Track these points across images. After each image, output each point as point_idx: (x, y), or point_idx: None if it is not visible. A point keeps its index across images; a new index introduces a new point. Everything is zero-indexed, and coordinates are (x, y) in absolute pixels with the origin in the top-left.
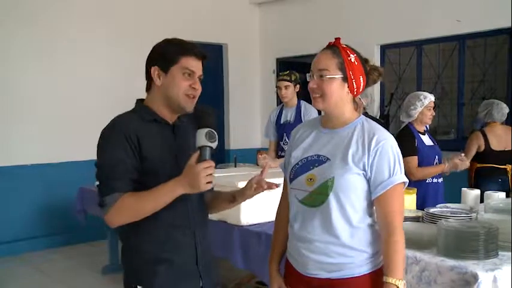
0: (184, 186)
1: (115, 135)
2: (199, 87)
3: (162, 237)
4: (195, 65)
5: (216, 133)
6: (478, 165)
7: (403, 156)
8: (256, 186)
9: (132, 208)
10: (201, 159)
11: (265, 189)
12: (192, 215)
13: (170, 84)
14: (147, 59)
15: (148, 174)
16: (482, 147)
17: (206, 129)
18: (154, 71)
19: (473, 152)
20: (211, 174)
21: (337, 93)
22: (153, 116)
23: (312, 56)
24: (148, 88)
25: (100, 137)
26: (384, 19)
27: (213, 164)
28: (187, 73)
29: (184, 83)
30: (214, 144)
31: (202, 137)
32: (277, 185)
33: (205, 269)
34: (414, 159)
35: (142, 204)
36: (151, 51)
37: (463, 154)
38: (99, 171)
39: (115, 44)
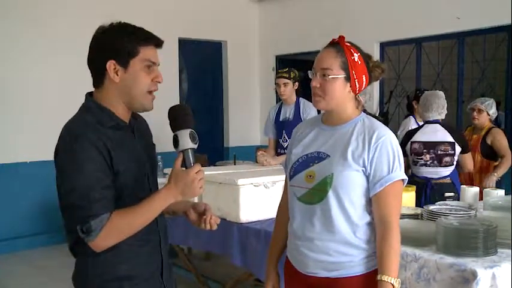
0: (176, 194)
1: (83, 147)
2: (162, 79)
3: (132, 252)
4: (155, 55)
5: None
6: (497, 164)
7: (468, 151)
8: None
9: (123, 228)
10: (187, 162)
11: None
12: (160, 225)
13: (131, 81)
14: (96, 51)
15: (121, 189)
16: None
17: (188, 130)
18: (111, 65)
19: None
20: (202, 178)
21: (339, 92)
22: (114, 120)
23: (312, 54)
24: (99, 84)
25: (62, 152)
26: (383, 16)
27: (201, 166)
28: (147, 65)
29: (147, 79)
30: (196, 145)
31: (187, 139)
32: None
33: (168, 279)
34: None
35: (133, 221)
36: (98, 41)
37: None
38: (72, 193)
39: None
